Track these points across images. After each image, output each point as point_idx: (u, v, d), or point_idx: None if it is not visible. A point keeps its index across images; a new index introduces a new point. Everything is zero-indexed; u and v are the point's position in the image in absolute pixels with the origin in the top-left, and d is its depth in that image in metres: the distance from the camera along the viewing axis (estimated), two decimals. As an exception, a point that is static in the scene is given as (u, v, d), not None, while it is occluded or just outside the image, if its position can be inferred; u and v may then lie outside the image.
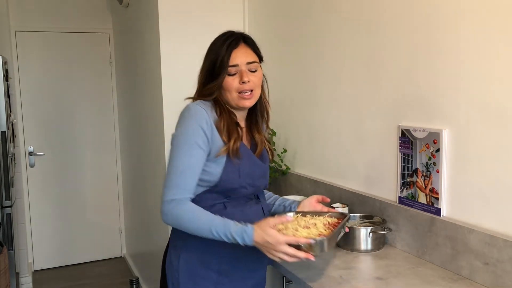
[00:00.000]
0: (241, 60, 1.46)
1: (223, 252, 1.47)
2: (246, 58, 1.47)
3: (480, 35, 1.47)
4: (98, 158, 4.48)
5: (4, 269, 2.58)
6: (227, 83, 1.46)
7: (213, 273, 1.49)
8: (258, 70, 1.50)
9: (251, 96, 1.48)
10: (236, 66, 1.45)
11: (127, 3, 3.56)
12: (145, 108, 3.29)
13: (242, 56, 1.46)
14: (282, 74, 2.63)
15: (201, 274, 1.49)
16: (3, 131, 2.97)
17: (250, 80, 1.46)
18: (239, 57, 1.46)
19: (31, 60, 4.18)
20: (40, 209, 4.30)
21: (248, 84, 1.46)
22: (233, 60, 1.45)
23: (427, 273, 1.58)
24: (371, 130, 1.99)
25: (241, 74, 1.45)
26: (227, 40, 1.47)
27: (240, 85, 1.45)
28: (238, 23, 2.89)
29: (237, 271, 1.52)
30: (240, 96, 1.47)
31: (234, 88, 1.46)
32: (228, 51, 1.45)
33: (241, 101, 1.48)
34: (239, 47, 1.47)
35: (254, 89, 1.48)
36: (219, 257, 1.49)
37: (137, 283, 2.86)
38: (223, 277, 1.50)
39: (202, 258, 1.49)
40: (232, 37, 1.48)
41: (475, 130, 1.51)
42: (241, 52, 1.47)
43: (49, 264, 4.38)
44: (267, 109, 1.61)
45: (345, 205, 2.02)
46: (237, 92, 1.47)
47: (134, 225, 4.13)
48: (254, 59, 1.49)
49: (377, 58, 1.92)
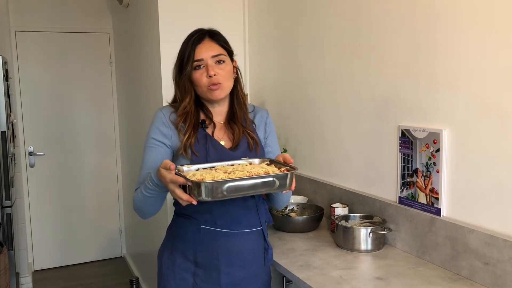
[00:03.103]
0: (205, 54, 1.51)
1: (198, 243, 1.53)
2: (211, 52, 1.52)
3: (480, 35, 1.47)
4: (98, 158, 4.48)
5: (4, 269, 2.58)
6: (195, 78, 1.53)
7: (190, 263, 1.56)
8: (226, 63, 1.54)
9: (218, 87, 1.52)
10: (201, 60, 1.51)
11: (127, 3, 3.56)
12: (145, 108, 3.29)
13: (207, 50, 1.52)
14: (282, 74, 2.64)
15: (180, 264, 1.56)
16: (3, 131, 2.97)
17: (216, 73, 1.51)
18: (203, 52, 1.52)
19: (31, 60, 4.18)
20: (40, 209, 4.30)
21: (215, 78, 1.51)
22: (197, 55, 1.51)
23: (427, 273, 1.58)
24: (371, 130, 1.99)
25: (207, 68, 1.51)
26: (192, 36, 1.54)
27: (208, 79, 1.51)
28: (238, 23, 2.89)
29: (212, 264, 1.53)
30: (209, 89, 1.52)
31: (203, 83, 1.52)
32: (192, 47, 1.52)
33: (210, 93, 1.53)
34: (204, 42, 1.53)
35: (221, 82, 1.52)
36: (194, 248, 1.54)
37: (137, 283, 2.86)
38: (199, 268, 1.55)
39: (182, 249, 1.57)
40: (198, 33, 1.55)
41: (475, 130, 1.51)
42: (206, 47, 1.52)
43: (49, 264, 4.38)
44: (244, 101, 1.63)
45: (345, 205, 2.03)
46: (207, 87, 1.52)
47: (134, 225, 4.13)
48: (220, 52, 1.53)
49: (377, 58, 1.92)
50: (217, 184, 1.23)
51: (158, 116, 1.58)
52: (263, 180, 1.29)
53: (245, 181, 1.27)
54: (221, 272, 1.53)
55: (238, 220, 1.54)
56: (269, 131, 1.69)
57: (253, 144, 1.59)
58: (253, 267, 1.58)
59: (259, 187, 1.29)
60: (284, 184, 1.32)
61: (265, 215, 1.63)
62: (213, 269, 1.54)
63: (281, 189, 1.32)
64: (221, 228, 1.53)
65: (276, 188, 1.31)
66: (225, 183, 1.24)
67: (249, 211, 1.57)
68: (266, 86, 2.79)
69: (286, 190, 1.34)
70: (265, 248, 1.61)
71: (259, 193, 1.35)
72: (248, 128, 1.61)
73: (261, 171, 1.33)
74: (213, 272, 1.54)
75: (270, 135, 1.69)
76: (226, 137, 1.59)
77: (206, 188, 1.23)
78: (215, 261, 1.53)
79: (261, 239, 1.60)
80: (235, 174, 1.30)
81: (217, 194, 1.24)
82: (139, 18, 3.27)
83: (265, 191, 1.31)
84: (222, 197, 1.26)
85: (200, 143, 1.53)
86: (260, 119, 1.68)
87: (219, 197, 1.25)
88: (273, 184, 1.29)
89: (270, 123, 1.70)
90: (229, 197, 1.27)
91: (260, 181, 1.28)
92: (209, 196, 1.23)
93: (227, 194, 1.25)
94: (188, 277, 1.55)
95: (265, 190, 1.31)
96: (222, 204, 1.52)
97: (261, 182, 1.28)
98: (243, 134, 1.58)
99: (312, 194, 2.37)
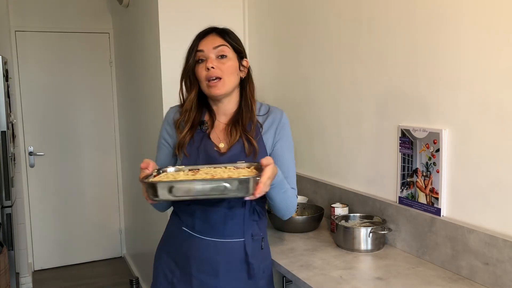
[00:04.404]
0: (206, 46, 1.48)
1: (177, 243, 1.56)
2: (212, 43, 1.48)
3: (480, 35, 1.47)
4: (98, 158, 4.48)
5: (4, 269, 2.58)
6: (197, 72, 1.50)
7: (171, 261, 1.58)
8: (229, 57, 1.49)
9: (216, 84, 1.47)
10: (202, 51, 1.48)
11: (127, 3, 3.56)
12: (145, 108, 3.29)
13: (209, 42, 1.49)
14: (282, 73, 2.64)
15: (166, 261, 1.60)
16: (3, 131, 2.97)
17: (216, 66, 1.46)
18: (205, 44, 1.49)
19: (31, 60, 4.18)
20: (40, 209, 4.30)
21: (213, 71, 1.46)
22: (199, 46, 1.50)
23: (427, 273, 1.58)
24: (371, 130, 1.99)
25: (206, 61, 1.48)
26: (201, 32, 1.54)
27: (206, 72, 1.47)
28: (238, 23, 2.89)
29: (185, 266, 1.54)
30: (208, 84, 1.48)
31: (203, 76, 1.48)
32: (197, 40, 1.52)
33: (210, 90, 1.49)
34: (208, 36, 1.51)
35: (221, 76, 1.47)
36: (176, 247, 1.57)
37: (137, 283, 2.86)
38: (176, 268, 1.56)
39: (168, 246, 1.61)
40: (206, 29, 1.54)
41: (475, 130, 1.51)
42: (209, 40, 1.50)
43: (49, 264, 4.38)
44: (252, 106, 1.55)
45: (345, 205, 2.03)
46: (206, 81, 1.48)
47: (134, 225, 4.13)
48: (221, 43, 1.48)
49: (377, 58, 1.92)
50: (162, 185, 1.24)
51: (166, 115, 1.60)
52: (212, 185, 1.24)
53: (194, 184, 1.25)
54: (193, 277, 1.51)
55: (218, 227, 1.49)
56: (279, 136, 1.55)
57: (250, 149, 1.49)
58: (230, 279, 1.51)
59: (207, 192, 1.25)
60: (241, 190, 1.24)
61: (252, 228, 1.52)
62: (186, 272, 1.53)
63: (239, 194, 1.25)
64: (197, 233, 1.51)
65: (233, 193, 1.25)
66: (170, 184, 1.24)
67: (233, 220, 1.49)
68: (266, 86, 2.79)
69: (248, 196, 1.26)
70: (246, 261, 1.50)
71: (212, 197, 1.29)
72: (250, 133, 1.50)
73: (225, 175, 1.31)
74: (187, 275, 1.53)
75: (280, 140, 1.55)
76: (225, 140, 1.54)
77: (153, 188, 1.25)
78: (188, 265, 1.53)
79: (240, 252, 1.51)
80: (194, 177, 1.31)
81: (164, 196, 1.25)
82: (139, 18, 3.27)
83: (218, 195, 1.26)
84: (175, 198, 1.26)
85: (195, 144, 1.51)
86: (270, 122, 1.56)
87: (170, 198, 1.27)
88: (223, 189, 1.24)
89: (283, 128, 1.56)
90: (181, 198, 1.28)
91: (208, 186, 1.24)
92: (157, 196, 1.25)
93: (178, 196, 1.25)
94: (168, 274, 1.58)
95: (218, 195, 1.26)
96: (205, 209, 1.48)
97: (209, 187, 1.25)
98: (239, 138, 1.50)
99: (312, 194, 2.37)
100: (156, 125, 2.95)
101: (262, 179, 1.27)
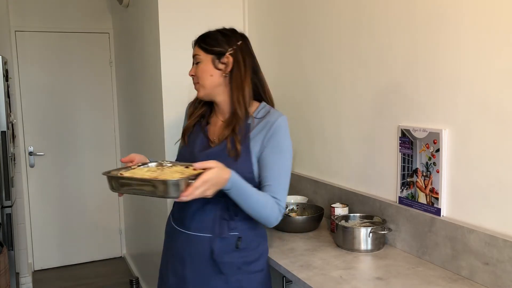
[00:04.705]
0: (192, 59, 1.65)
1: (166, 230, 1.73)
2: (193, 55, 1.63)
3: (480, 35, 1.47)
4: (98, 158, 4.48)
5: (4, 269, 2.58)
6: None
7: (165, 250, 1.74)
8: (202, 62, 1.59)
9: (197, 88, 1.62)
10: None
11: (127, 3, 3.56)
12: (145, 108, 3.29)
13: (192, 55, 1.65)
14: (281, 73, 2.64)
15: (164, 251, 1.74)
16: (3, 131, 2.97)
17: (193, 73, 1.62)
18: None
19: (31, 60, 4.18)
20: (40, 209, 4.30)
21: (193, 78, 1.63)
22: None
23: (427, 273, 1.58)
24: (371, 130, 1.99)
25: None
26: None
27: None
28: (238, 23, 2.89)
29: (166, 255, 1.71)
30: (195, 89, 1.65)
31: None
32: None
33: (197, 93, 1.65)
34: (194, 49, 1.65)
35: (198, 81, 1.61)
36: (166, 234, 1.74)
37: (137, 283, 2.86)
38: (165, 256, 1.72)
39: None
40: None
41: (475, 130, 1.51)
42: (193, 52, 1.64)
43: (49, 264, 4.38)
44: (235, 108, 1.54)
45: (345, 205, 2.03)
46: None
47: (134, 225, 4.13)
48: (196, 52, 1.61)
49: (377, 58, 1.92)
50: (109, 179, 1.37)
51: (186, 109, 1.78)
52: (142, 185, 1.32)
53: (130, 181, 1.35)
54: (169, 267, 1.66)
55: (187, 220, 1.58)
56: (267, 143, 1.51)
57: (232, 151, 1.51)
58: (195, 271, 1.55)
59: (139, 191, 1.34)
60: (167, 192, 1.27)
61: (222, 226, 1.52)
62: (167, 261, 1.68)
63: (166, 195, 1.28)
64: (174, 222, 1.66)
65: (162, 194, 1.28)
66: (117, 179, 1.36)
67: (203, 216, 1.54)
68: (266, 86, 2.79)
69: (177, 197, 1.28)
70: (213, 259, 1.52)
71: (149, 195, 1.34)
72: (236, 136, 1.51)
73: (154, 175, 1.38)
74: (168, 263, 1.67)
75: (268, 147, 1.51)
76: (218, 137, 1.61)
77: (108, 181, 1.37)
78: (169, 253, 1.68)
79: (206, 248, 1.53)
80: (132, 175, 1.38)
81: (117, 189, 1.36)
82: (139, 18, 3.27)
83: (151, 195, 1.30)
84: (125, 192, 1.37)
85: (193, 135, 1.66)
86: (262, 127, 1.53)
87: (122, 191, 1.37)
88: (153, 189, 1.29)
89: (274, 134, 1.51)
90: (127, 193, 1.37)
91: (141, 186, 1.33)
92: (112, 188, 1.37)
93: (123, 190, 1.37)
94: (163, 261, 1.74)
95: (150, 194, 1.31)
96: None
97: (140, 187, 1.33)
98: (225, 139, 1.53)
99: (312, 194, 2.37)
100: (156, 125, 2.95)
101: (196, 183, 1.29)
